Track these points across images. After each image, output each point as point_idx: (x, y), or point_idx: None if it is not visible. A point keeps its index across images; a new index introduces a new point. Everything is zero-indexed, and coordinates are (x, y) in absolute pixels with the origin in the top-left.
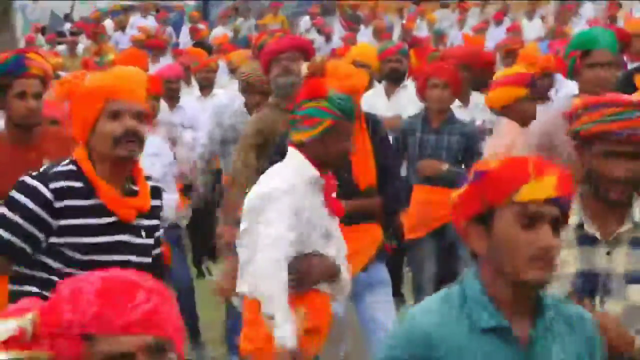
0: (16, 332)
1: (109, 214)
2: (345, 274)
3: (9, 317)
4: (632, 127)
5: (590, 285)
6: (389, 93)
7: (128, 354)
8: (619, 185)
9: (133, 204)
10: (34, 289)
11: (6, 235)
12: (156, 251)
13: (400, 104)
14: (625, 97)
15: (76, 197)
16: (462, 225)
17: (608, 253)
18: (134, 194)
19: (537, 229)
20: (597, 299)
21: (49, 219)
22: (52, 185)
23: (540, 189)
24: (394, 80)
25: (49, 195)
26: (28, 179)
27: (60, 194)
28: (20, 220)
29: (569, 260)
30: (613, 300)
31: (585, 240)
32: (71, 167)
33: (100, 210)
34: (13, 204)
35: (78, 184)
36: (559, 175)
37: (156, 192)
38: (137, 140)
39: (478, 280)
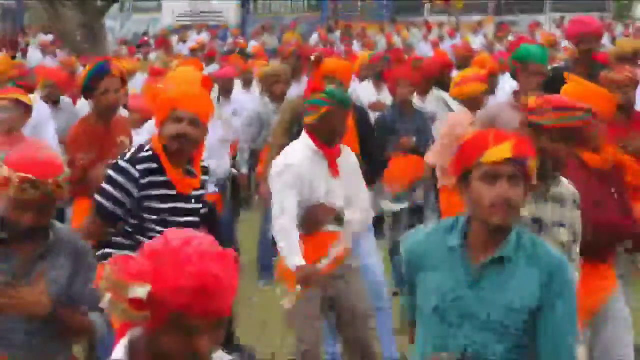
0: (145, 296)
1: (173, 187)
2: (348, 217)
3: (132, 279)
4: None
5: (536, 228)
6: (375, 86)
7: (199, 328)
8: (558, 160)
9: (189, 182)
10: (125, 252)
11: (108, 204)
12: (205, 210)
13: (383, 95)
14: (580, 103)
15: (153, 175)
16: (457, 184)
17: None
18: (191, 174)
19: (497, 183)
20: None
21: (135, 191)
22: (139, 167)
23: (497, 152)
24: (378, 77)
25: (137, 174)
26: (121, 162)
27: (144, 173)
28: (116, 193)
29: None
30: (546, 236)
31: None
32: (149, 153)
33: (168, 185)
34: (111, 181)
35: (154, 166)
36: (515, 140)
37: (205, 170)
38: (187, 139)
39: (466, 221)
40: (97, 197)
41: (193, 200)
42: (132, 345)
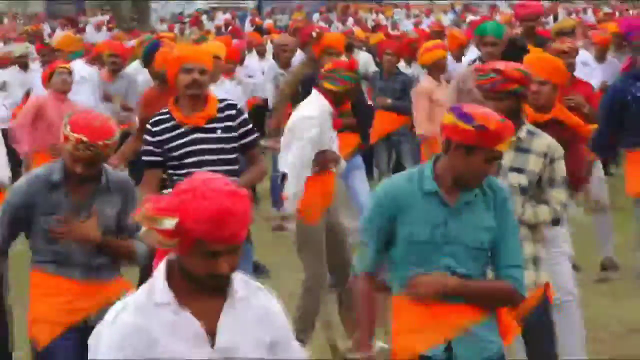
0: (172, 227)
1: (183, 125)
2: (342, 161)
3: (162, 214)
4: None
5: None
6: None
7: (219, 252)
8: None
9: (198, 116)
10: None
11: (147, 157)
12: (247, 139)
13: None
14: (490, 65)
15: (164, 123)
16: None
17: None
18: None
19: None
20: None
21: (153, 139)
22: (152, 122)
23: (506, 146)
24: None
25: (150, 128)
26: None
27: (155, 124)
28: (147, 148)
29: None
30: (501, 178)
31: None
32: (163, 111)
33: (177, 126)
34: (144, 142)
35: (164, 117)
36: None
37: (230, 106)
38: (199, 85)
39: (431, 167)
40: (143, 157)
41: (219, 131)
42: (169, 266)
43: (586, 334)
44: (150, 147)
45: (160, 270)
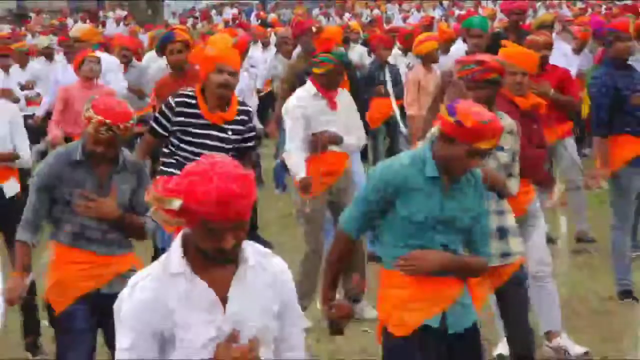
0: (178, 208)
1: (204, 118)
2: (346, 141)
3: (169, 195)
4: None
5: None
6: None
7: (224, 229)
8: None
9: (220, 115)
10: (170, 169)
11: (154, 124)
12: (246, 144)
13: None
14: (471, 57)
15: (187, 107)
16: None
17: None
18: (224, 111)
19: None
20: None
21: (169, 114)
22: (177, 100)
23: (489, 144)
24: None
25: (173, 103)
26: (169, 98)
27: (179, 104)
28: (159, 116)
29: None
30: (490, 160)
31: None
32: (190, 92)
33: (199, 116)
34: (159, 109)
35: (192, 101)
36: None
37: (246, 112)
38: (229, 86)
39: (431, 151)
40: (151, 121)
41: (230, 132)
42: (184, 239)
43: (565, 309)
44: (163, 120)
45: (176, 243)
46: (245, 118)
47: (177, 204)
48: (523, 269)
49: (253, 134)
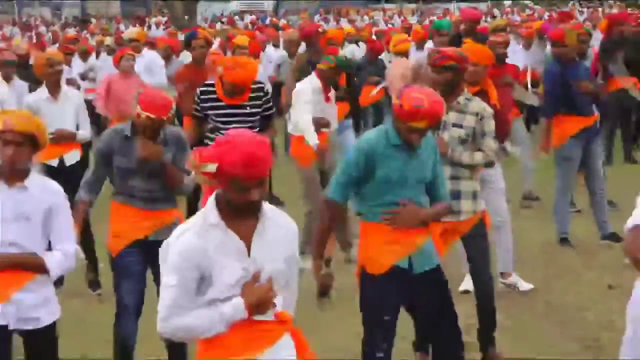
0: (213, 170)
1: (225, 102)
2: (332, 125)
3: (205, 161)
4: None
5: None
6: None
7: (250, 186)
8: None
9: (238, 98)
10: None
11: (196, 112)
12: (267, 113)
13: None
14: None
15: (209, 94)
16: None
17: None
18: (240, 94)
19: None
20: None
21: (199, 103)
22: (202, 89)
23: (423, 124)
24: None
25: (199, 93)
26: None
27: (203, 92)
28: (195, 104)
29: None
30: (445, 133)
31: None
32: (212, 82)
33: (220, 100)
34: (195, 100)
35: (212, 89)
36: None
37: (260, 89)
38: (240, 90)
39: (392, 125)
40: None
41: (248, 108)
42: (217, 197)
43: (515, 254)
44: (198, 108)
45: (211, 201)
46: (260, 93)
47: (212, 167)
48: (482, 223)
49: (271, 104)
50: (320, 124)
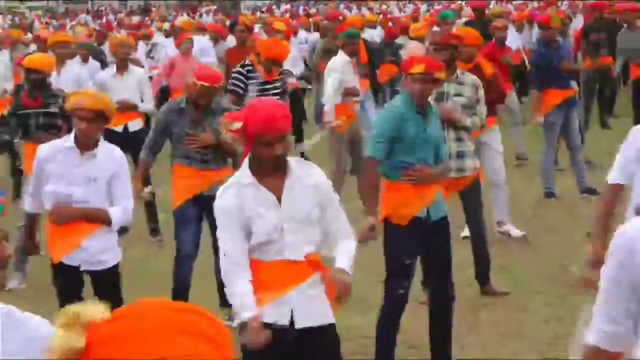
0: (239, 127)
1: (261, 78)
2: (360, 93)
3: (233, 120)
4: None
5: (442, 96)
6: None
7: (272, 140)
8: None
9: (271, 75)
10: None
11: (234, 87)
12: (284, 91)
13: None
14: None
15: (251, 72)
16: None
17: None
18: (271, 72)
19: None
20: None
21: (241, 78)
22: (244, 69)
23: (419, 69)
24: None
25: (244, 72)
26: (239, 67)
27: (248, 70)
28: (236, 81)
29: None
30: (449, 101)
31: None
32: (249, 63)
33: (258, 76)
34: (233, 77)
35: (252, 67)
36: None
37: (282, 73)
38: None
39: (407, 94)
40: (230, 87)
41: (277, 83)
42: (250, 159)
43: (509, 205)
44: (238, 82)
45: (245, 163)
46: (283, 77)
47: (238, 125)
48: (478, 179)
49: (286, 86)
50: (351, 92)
